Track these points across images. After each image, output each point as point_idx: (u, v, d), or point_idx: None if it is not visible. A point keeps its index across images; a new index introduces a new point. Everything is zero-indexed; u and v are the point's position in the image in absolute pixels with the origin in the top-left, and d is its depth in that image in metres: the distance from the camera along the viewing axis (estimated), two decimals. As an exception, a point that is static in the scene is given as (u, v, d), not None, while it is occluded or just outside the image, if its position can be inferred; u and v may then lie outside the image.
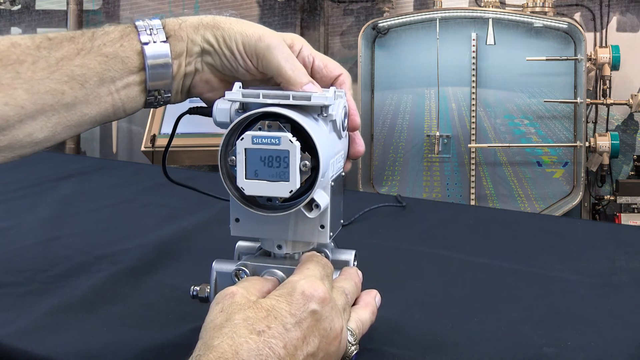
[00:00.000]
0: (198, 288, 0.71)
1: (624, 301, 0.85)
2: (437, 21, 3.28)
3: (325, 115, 0.65)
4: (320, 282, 0.60)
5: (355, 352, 0.63)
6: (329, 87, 0.68)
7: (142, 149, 3.06)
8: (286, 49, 0.67)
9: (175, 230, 1.09)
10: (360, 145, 0.72)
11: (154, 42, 0.66)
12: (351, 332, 0.63)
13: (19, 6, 3.79)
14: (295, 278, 0.61)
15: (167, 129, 3.11)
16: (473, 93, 3.33)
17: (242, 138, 0.61)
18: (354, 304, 0.67)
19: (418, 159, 3.43)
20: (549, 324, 0.77)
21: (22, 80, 0.61)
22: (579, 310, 0.82)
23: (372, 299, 0.69)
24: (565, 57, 3.25)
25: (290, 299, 0.58)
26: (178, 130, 0.74)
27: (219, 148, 0.63)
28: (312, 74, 0.70)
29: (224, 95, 0.65)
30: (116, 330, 0.76)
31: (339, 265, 0.70)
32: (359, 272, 0.70)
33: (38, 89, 0.62)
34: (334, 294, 0.62)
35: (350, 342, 0.62)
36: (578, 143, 3.24)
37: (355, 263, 0.72)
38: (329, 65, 0.71)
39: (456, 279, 0.92)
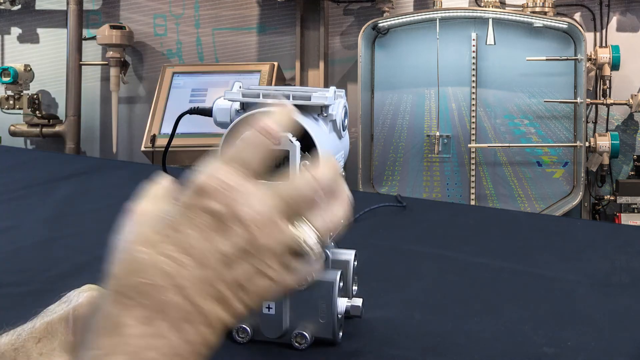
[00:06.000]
0: (198, 288, 0.71)
1: (624, 301, 0.85)
2: (437, 21, 3.28)
3: (325, 115, 0.65)
4: (222, 171, 0.49)
5: (317, 256, 0.50)
6: None
7: (142, 149, 3.06)
8: None
9: (175, 230, 1.09)
10: None
11: None
12: (315, 231, 0.51)
13: (19, 6, 3.79)
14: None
15: (167, 129, 3.11)
16: (473, 93, 3.33)
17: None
18: None
19: (418, 159, 3.43)
20: (549, 324, 0.77)
21: None
22: (579, 310, 0.82)
23: (343, 188, 0.54)
24: (565, 57, 3.25)
25: (185, 196, 0.50)
26: (178, 130, 0.74)
27: (219, 148, 0.63)
28: None
29: None
30: (116, 330, 0.76)
31: (339, 265, 0.70)
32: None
33: None
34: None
35: (307, 244, 0.50)
36: (578, 143, 3.24)
37: (356, 263, 0.72)
38: None
39: (456, 279, 0.92)
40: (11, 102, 3.64)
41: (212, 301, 0.48)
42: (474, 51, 3.32)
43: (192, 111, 0.73)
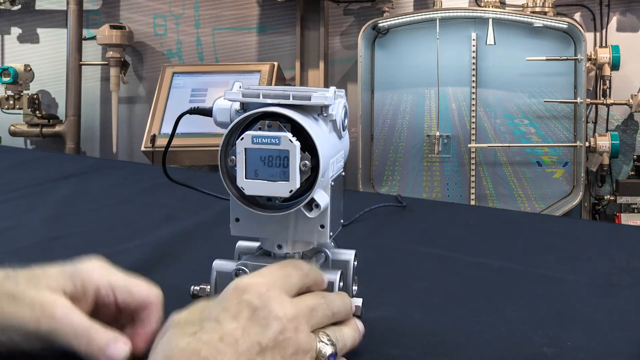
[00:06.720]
0: (198, 288, 0.71)
1: (624, 301, 0.85)
2: (437, 21, 3.28)
3: (325, 115, 0.64)
4: (261, 277, 0.58)
5: (331, 353, 0.58)
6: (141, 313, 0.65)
7: (142, 149, 3.06)
8: (75, 319, 0.60)
9: (175, 230, 1.09)
10: None
11: None
12: (326, 334, 0.60)
13: (19, 6, 3.79)
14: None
15: (167, 129, 3.11)
16: (473, 93, 3.33)
17: (242, 138, 0.61)
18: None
19: (418, 159, 3.43)
20: (549, 324, 0.77)
21: None
22: (579, 310, 0.82)
23: (354, 319, 0.65)
24: (565, 57, 3.25)
25: (223, 295, 0.57)
26: (178, 130, 0.74)
27: (219, 148, 0.63)
28: (120, 309, 0.65)
29: None
30: (116, 330, 0.75)
31: (339, 265, 0.70)
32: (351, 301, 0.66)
33: None
34: (303, 299, 0.59)
35: (323, 341, 0.58)
36: (578, 143, 3.24)
37: (355, 263, 0.72)
38: (134, 289, 0.66)
39: (456, 279, 0.92)
40: (11, 102, 3.64)
41: None
42: (474, 51, 3.32)
43: (192, 111, 0.73)
